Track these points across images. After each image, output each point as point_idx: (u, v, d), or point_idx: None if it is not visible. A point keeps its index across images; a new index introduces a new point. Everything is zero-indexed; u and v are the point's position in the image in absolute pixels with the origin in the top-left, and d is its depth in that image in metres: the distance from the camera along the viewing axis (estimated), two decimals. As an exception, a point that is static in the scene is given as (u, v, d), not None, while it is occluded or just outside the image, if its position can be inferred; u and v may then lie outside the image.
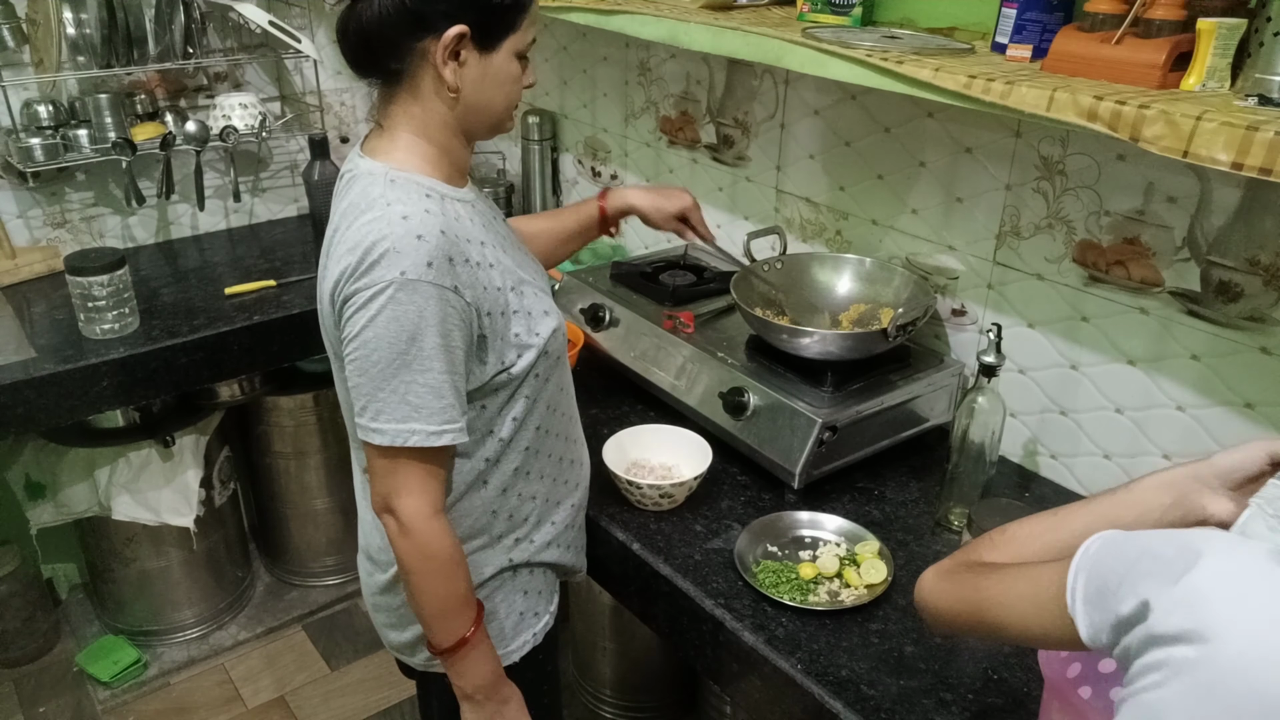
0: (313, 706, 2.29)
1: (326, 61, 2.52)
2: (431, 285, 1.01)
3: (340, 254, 1.04)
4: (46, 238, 2.25)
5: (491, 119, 1.12)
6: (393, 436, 1.03)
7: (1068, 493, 1.51)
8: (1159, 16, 1.10)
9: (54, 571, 2.53)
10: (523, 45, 1.08)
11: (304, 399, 2.39)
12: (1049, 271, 1.47)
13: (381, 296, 1.00)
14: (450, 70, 1.05)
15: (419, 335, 1.01)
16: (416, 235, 1.01)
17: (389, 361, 1.02)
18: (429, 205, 1.05)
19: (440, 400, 1.04)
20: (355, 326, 1.02)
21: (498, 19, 1.04)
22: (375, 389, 1.03)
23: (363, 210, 1.04)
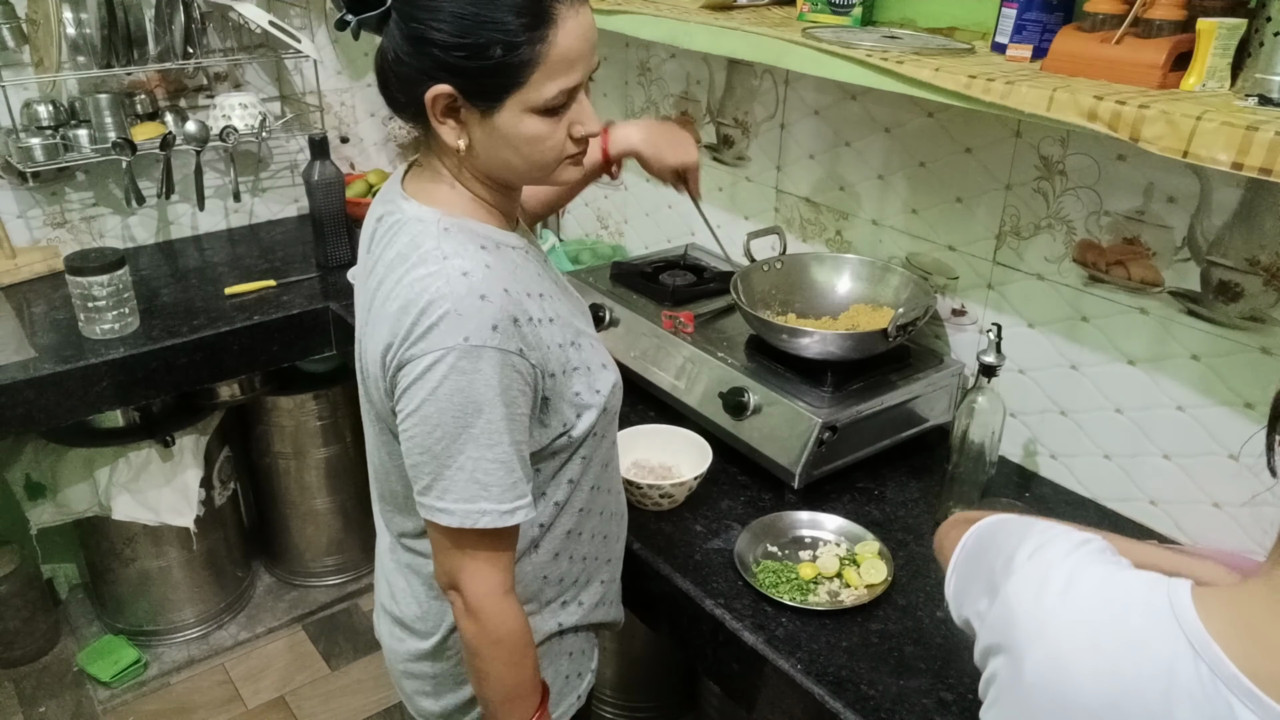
0: (313, 706, 2.29)
1: (326, 61, 2.52)
2: (496, 351, 0.92)
3: (391, 313, 0.94)
4: (46, 238, 2.25)
5: (520, 176, 0.99)
6: (461, 518, 0.95)
7: (1068, 493, 1.51)
8: (1159, 16, 1.10)
9: (54, 571, 2.53)
10: (539, 102, 0.92)
11: (304, 399, 2.39)
12: (1049, 271, 1.47)
13: (442, 365, 0.91)
14: (449, 130, 0.94)
15: (485, 407, 0.92)
16: (480, 295, 0.91)
17: (454, 436, 0.92)
18: (488, 259, 0.95)
19: (510, 475, 0.95)
20: (414, 400, 0.93)
21: (490, 79, 0.90)
22: (440, 467, 0.94)
23: (415, 264, 0.94)
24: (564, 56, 0.90)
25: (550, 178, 1.00)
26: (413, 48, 0.90)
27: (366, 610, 2.59)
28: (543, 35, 0.89)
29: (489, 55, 0.88)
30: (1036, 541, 0.74)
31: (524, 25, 0.88)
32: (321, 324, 2.11)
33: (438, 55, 0.89)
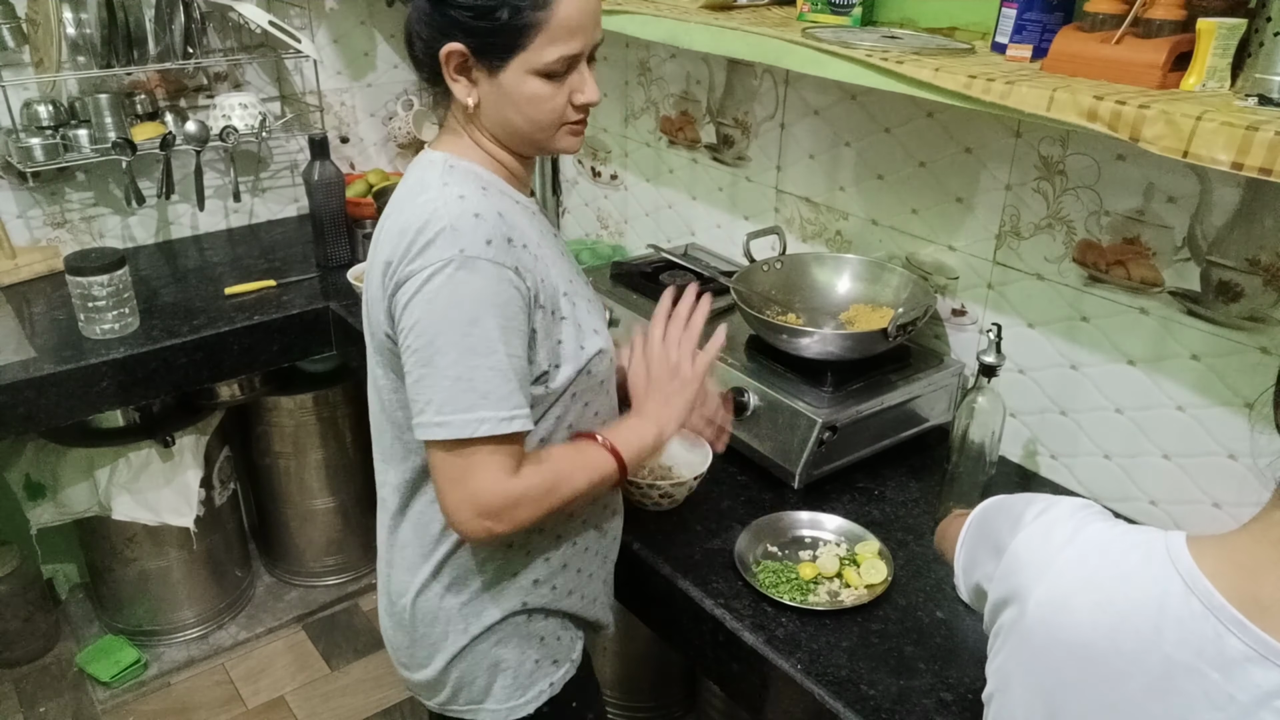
0: (313, 706, 2.29)
1: (326, 61, 2.52)
2: (491, 263, 0.96)
3: (391, 235, 1.01)
4: (46, 238, 2.25)
5: (523, 138, 1.06)
6: (460, 427, 0.96)
7: (1068, 493, 1.51)
8: (1159, 16, 1.10)
9: (54, 571, 2.53)
10: (540, 64, 0.99)
11: (304, 399, 2.39)
12: (1049, 271, 1.47)
13: (439, 276, 0.95)
14: (461, 87, 1.02)
15: (481, 316, 0.96)
16: (474, 213, 0.98)
17: (451, 345, 0.96)
18: (483, 186, 1.02)
19: (507, 384, 0.97)
20: (413, 313, 0.97)
21: (497, 38, 0.98)
22: (438, 378, 0.97)
23: (417, 193, 1.02)
24: (564, 24, 0.98)
25: (551, 143, 1.06)
26: (432, 7, 0.99)
27: (366, 610, 2.59)
28: (545, 2, 0.97)
29: (496, 17, 0.96)
30: (1042, 505, 0.78)
31: None
32: (321, 324, 2.11)
33: (452, 15, 0.97)
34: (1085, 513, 0.75)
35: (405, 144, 2.72)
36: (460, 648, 1.15)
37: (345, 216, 2.23)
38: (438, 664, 1.16)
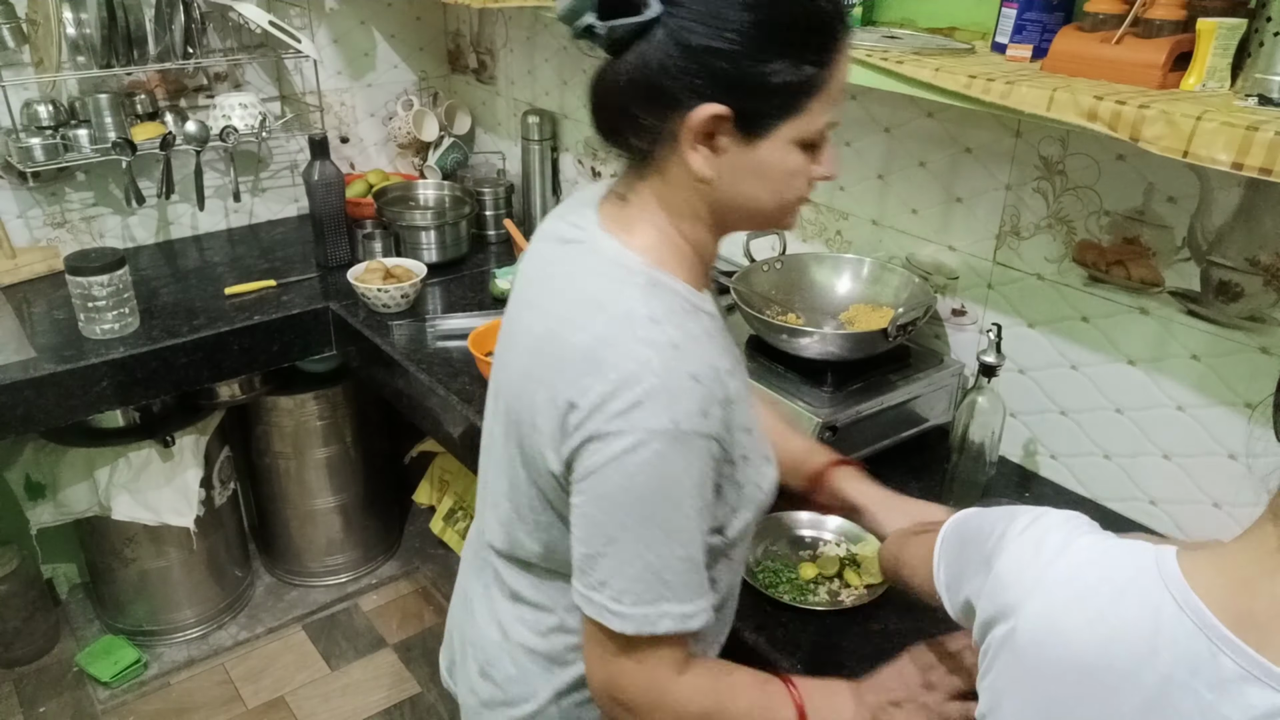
0: (313, 706, 2.29)
1: (326, 61, 2.52)
2: (704, 438, 0.81)
3: (581, 367, 0.82)
4: (46, 238, 2.25)
5: (755, 216, 0.89)
6: (639, 623, 0.83)
7: (1068, 493, 1.51)
8: (1159, 16, 1.10)
9: (54, 571, 2.53)
10: (810, 132, 0.83)
11: (304, 399, 2.39)
12: (1049, 271, 1.47)
13: (645, 451, 0.79)
14: (700, 158, 0.82)
15: (684, 499, 0.82)
16: (691, 375, 0.81)
17: (643, 529, 0.81)
18: (695, 329, 0.85)
19: (697, 574, 0.85)
20: (603, 483, 0.81)
21: (770, 100, 0.80)
22: (620, 563, 0.82)
23: (617, 321, 0.83)
24: (838, 85, 0.83)
25: (783, 221, 0.91)
26: (688, 60, 0.78)
27: (366, 610, 2.59)
28: (830, 59, 0.81)
29: (776, 74, 0.79)
30: (1027, 519, 0.76)
31: (819, 44, 0.80)
32: (321, 324, 2.11)
33: (720, 68, 0.78)
34: (1073, 525, 0.73)
35: (405, 144, 2.72)
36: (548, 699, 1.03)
37: (345, 216, 2.23)
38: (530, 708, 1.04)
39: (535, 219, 2.43)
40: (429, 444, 2.47)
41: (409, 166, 2.75)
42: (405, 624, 2.54)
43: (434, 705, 2.29)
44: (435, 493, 2.46)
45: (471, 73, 2.69)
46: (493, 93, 2.64)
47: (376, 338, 1.94)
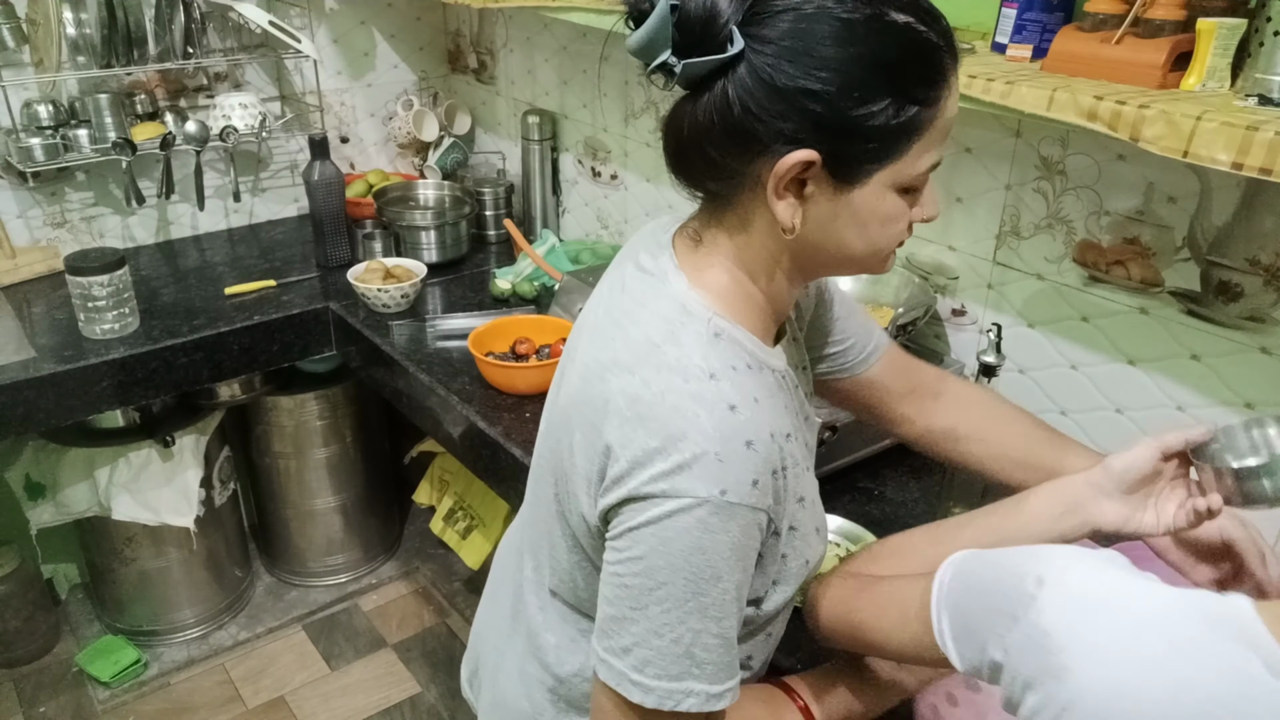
0: (313, 706, 2.29)
1: (326, 61, 2.52)
2: (751, 510, 0.75)
3: (626, 415, 0.77)
4: (46, 238, 2.25)
5: (844, 264, 0.82)
6: (661, 698, 0.77)
7: (1068, 493, 1.51)
8: (1159, 16, 1.10)
9: (54, 571, 2.53)
10: (911, 176, 0.76)
11: (304, 399, 2.39)
12: (1049, 271, 1.47)
13: (687, 517, 0.73)
14: (786, 207, 0.75)
15: (725, 574, 0.75)
16: (746, 442, 0.75)
17: (678, 600, 0.75)
18: (757, 390, 0.78)
19: (728, 654, 0.78)
20: (638, 545, 0.76)
21: (867, 144, 0.73)
22: (648, 633, 0.76)
23: (670, 369, 0.77)
24: (945, 124, 0.76)
25: (876, 267, 0.83)
26: (775, 101, 0.71)
27: (366, 610, 2.59)
28: (936, 97, 0.74)
29: (875, 116, 0.72)
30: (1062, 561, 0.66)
31: (924, 81, 0.73)
32: (321, 324, 2.11)
33: (811, 110, 0.71)
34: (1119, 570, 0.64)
35: (405, 144, 2.72)
36: None
37: (345, 216, 2.23)
38: None
39: (535, 219, 2.44)
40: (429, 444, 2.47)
41: (409, 166, 2.75)
42: (405, 624, 2.54)
43: (434, 705, 2.29)
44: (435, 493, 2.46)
45: (471, 73, 2.69)
46: (493, 93, 2.64)
47: (376, 338, 1.94)
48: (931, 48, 0.73)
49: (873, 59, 0.71)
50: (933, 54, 0.73)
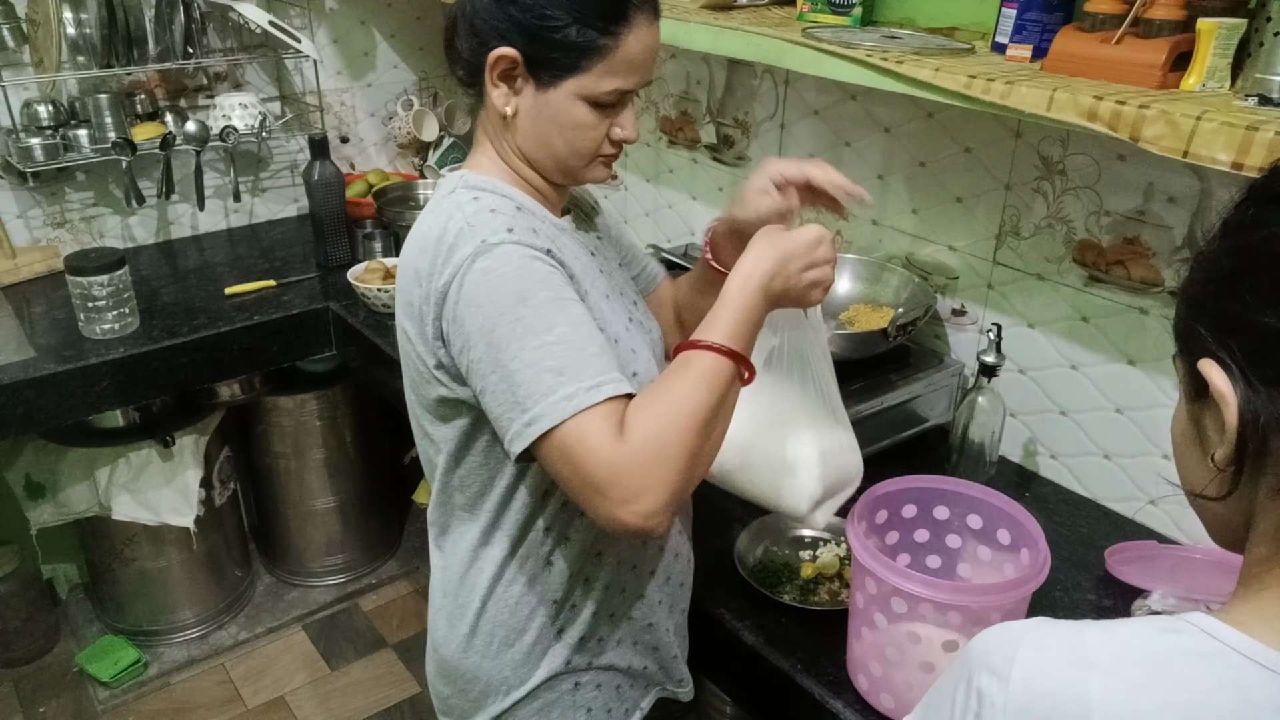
0: (313, 706, 2.29)
1: (326, 61, 2.52)
2: (517, 245, 0.90)
3: (409, 258, 0.97)
4: (46, 238, 2.25)
5: (554, 161, 0.99)
6: (552, 414, 0.84)
7: (1068, 493, 1.51)
8: (1159, 16, 1.10)
9: (54, 571, 2.53)
10: (594, 92, 0.94)
11: (304, 399, 2.39)
12: (1049, 271, 1.47)
13: (470, 273, 0.89)
14: (500, 94, 0.96)
15: (527, 291, 0.88)
16: (489, 209, 0.93)
17: (509, 335, 0.86)
18: (503, 199, 0.96)
19: (581, 352, 0.87)
20: (461, 324, 0.90)
21: (552, 53, 0.92)
22: (509, 377, 0.86)
23: (431, 209, 0.98)
24: (627, 58, 0.94)
25: (582, 172, 1.01)
26: (494, 5, 0.93)
27: (366, 610, 2.59)
28: (615, 30, 0.92)
29: (563, 32, 0.91)
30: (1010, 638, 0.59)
31: (605, 16, 0.92)
32: (321, 324, 2.11)
33: (516, 16, 0.92)
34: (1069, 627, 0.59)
35: (405, 144, 2.72)
36: (501, 711, 1.09)
37: (345, 216, 2.23)
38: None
39: (535, 219, 2.43)
40: (429, 444, 2.47)
41: (409, 166, 2.75)
42: (405, 624, 2.54)
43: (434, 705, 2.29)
44: (435, 493, 2.46)
45: (471, 73, 2.69)
46: (493, 93, 2.64)
47: (376, 338, 1.94)
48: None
49: None
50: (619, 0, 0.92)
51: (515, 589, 1.05)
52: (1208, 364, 0.58)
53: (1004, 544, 1.10)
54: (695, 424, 0.85)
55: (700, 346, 0.89)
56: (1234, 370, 0.56)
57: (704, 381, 0.87)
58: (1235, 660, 0.53)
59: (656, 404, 0.86)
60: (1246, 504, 0.59)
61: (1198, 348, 0.59)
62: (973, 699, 0.58)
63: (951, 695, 0.61)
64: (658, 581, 1.13)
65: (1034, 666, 0.56)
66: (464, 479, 1.04)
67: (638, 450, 0.83)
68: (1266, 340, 0.54)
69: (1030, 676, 0.56)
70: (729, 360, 0.89)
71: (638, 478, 0.83)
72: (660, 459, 0.83)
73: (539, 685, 1.07)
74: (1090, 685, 0.54)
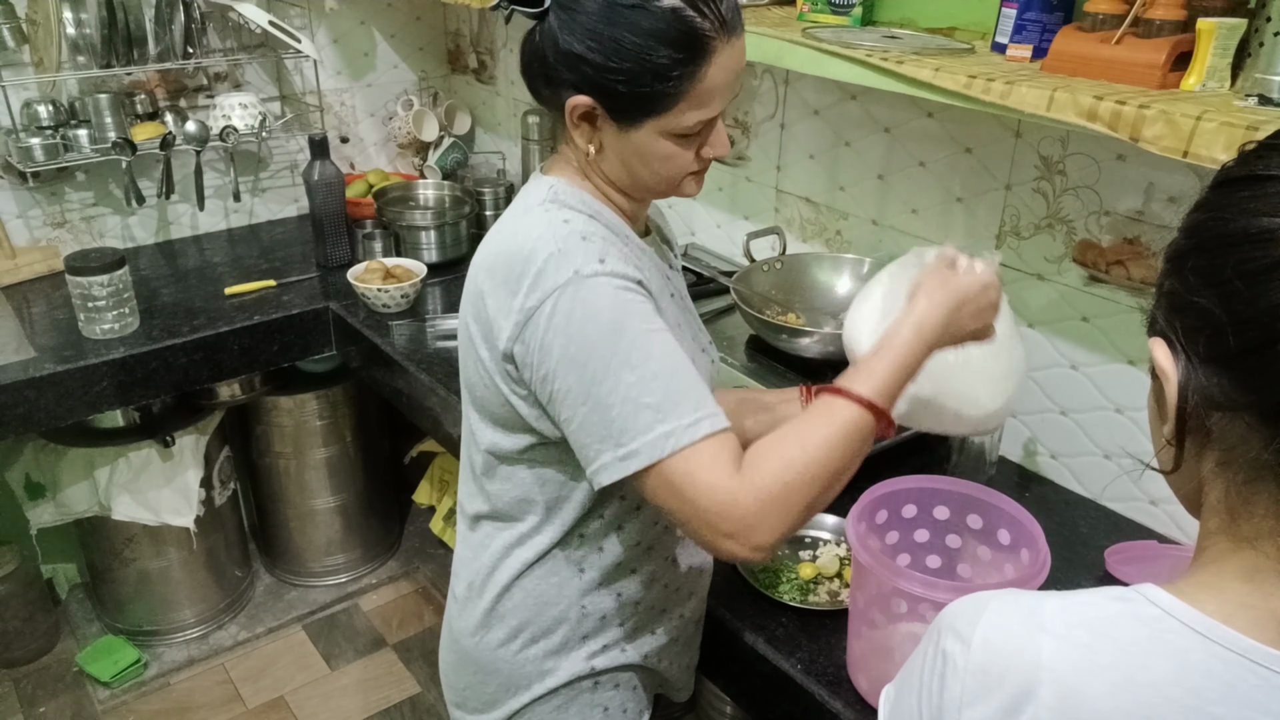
0: (313, 706, 2.29)
1: (326, 61, 2.52)
2: (610, 277, 0.88)
3: (490, 265, 0.94)
4: (46, 238, 2.25)
5: (643, 188, 0.99)
6: (649, 451, 0.85)
7: (1068, 493, 1.51)
8: (1159, 16, 1.10)
9: (54, 571, 2.53)
10: (679, 128, 0.92)
11: (304, 399, 2.39)
12: (1049, 271, 1.47)
13: (562, 301, 0.87)
14: (581, 134, 0.95)
15: (621, 326, 0.86)
16: (582, 237, 0.90)
17: (603, 367, 0.85)
18: (589, 225, 0.93)
19: (677, 386, 0.86)
20: (550, 352, 0.88)
21: (631, 101, 0.91)
22: (604, 409, 0.86)
23: (519, 215, 0.96)
24: (710, 90, 0.91)
25: (673, 192, 0.99)
26: (562, 57, 0.90)
27: (366, 610, 2.59)
28: (694, 71, 0.89)
29: (638, 83, 0.89)
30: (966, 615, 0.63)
31: (679, 60, 0.88)
32: (321, 324, 2.11)
33: (587, 73, 0.89)
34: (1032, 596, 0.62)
35: (405, 144, 2.72)
36: (522, 705, 1.08)
37: (345, 216, 2.23)
38: (498, 715, 1.10)
39: (535, 219, 2.43)
40: (429, 444, 2.47)
41: (409, 166, 2.75)
42: (405, 624, 2.54)
43: (434, 705, 2.29)
44: (435, 493, 2.46)
45: (471, 73, 2.69)
46: (493, 93, 2.64)
47: (376, 338, 1.94)
48: (696, 30, 0.87)
49: (637, 43, 0.87)
50: (697, 35, 0.88)
51: (545, 590, 1.05)
52: (1155, 342, 0.61)
53: (1004, 544, 1.10)
54: (824, 476, 0.85)
55: (850, 396, 0.86)
56: (1178, 348, 0.59)
57: (844, 437, 0.86)
58: (1174, 626, 0.56)
59: (789, 447, 0.85)
60: (1196, 478, 0.61)
61: (1153, 327, 0.62)
62: (939, 659, 0.62)
63: (922, 657, 0.65)
64: (684, 594, 1.15)
65: (994, 630, 0.60)
66: (507, 484, 1.03)
67: (759, 490, 0.83)
68: (1202, 319, 0.57)
69: (990, 639, 0.60)
70: (878, 418, 0.87)
71: (753, 515, 0.83)
72: (781, 503, 0.84)
73: (561, 685, 1.07)
74: (1041, 647, 0.58)
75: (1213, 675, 0.55)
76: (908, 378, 0.89)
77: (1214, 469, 0.59)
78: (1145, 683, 0.56)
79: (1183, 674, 0.55)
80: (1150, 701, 0.55)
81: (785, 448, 0.85)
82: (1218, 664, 0.55)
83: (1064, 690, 0.57)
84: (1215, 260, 0.58)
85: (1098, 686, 0.56)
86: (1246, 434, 0.56)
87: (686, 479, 0.84)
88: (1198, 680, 0.55)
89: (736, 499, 0.83)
